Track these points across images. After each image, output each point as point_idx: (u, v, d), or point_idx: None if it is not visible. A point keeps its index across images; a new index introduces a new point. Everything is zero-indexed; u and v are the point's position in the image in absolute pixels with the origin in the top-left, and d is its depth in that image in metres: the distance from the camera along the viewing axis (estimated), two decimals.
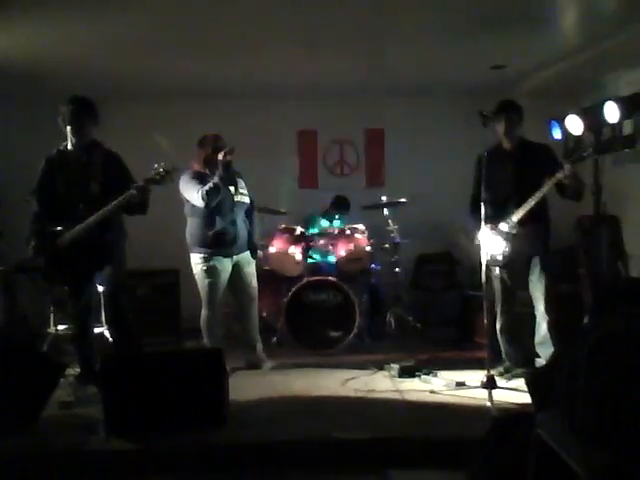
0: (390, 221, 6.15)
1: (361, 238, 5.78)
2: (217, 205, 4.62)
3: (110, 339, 4.82)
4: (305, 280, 5.55)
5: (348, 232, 5.78)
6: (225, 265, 4.74)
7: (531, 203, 4.23)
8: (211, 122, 6.86)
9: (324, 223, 6.40)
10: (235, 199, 4.78)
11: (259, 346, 5.04)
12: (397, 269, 6.28)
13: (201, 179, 4.62)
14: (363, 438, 3.41)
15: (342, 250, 5.73)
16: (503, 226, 4.32)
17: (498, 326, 4.52)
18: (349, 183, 7.15)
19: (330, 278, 5.61)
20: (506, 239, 4.31)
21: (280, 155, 7.11)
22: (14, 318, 5.82)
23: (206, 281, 4.71)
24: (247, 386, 4.42)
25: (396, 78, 6.43)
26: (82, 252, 4.06)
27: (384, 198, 6.18)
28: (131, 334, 4.28)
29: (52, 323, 5.45)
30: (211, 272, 4.69)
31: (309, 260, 5.93)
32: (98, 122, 4.17)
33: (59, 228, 4.06)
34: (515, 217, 4.30)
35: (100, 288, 4.43)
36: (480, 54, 5.63)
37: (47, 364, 3.82)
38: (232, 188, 4.76)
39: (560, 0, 4.65)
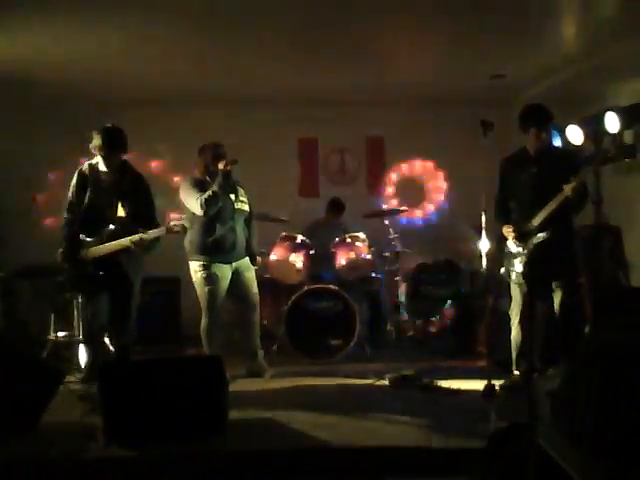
0: (391, 229, 6.15)
1: (361, 246, 5.78)
2: (217, 212, 4.64)
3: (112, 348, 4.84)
4: (306, 288, 5.55)
5: (349, 240, 5.78)
6: (224, 272, 4.74)
7: (548, 210, 4.17)
8: (212, 129, 6.91)
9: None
10: (235, 207, 4.79)
11: (260, 353, 5.03)
12: (397, 277, 6.28)
13: (201, 187, 4.64)
14: (362, 447, 3.40)
15: (342, 258, 5.73)
16: (521, 240, 4.30)
17: (513, 335, 4.48)
18: (350, 191, 7.16)
19: (331, 286, 5.60)
20: (528, 249, 4.28)
21: (281, 163, 7.13)
22: (14, 324, 5.83)
23: (206, 288, 4.71)
24: (247, 394, 4.41)
25: (397, 87, 6.46)
26: (104, 268, 4.27)
27: (385, 206, 6.19)
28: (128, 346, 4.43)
29: (52, 330, 5.44)
30: (211, 279, 4.70)
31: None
32: (127, 150, 4.37)
33: (88, 239, 4.29)
34: (536, 220, 4.24)
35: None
36: (480, 64, 5.66)
37: (46, 371, 3.81)
38: (232, 196, 4.78)
39: (560, 10, 4.68)
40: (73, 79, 5.90)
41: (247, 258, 4.91)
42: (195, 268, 4.75)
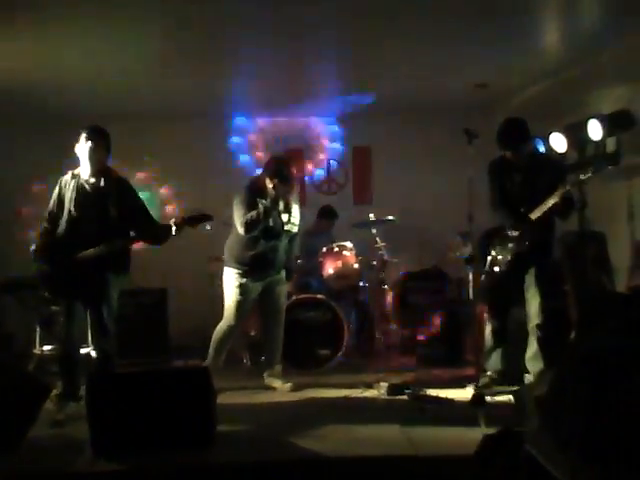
0: (378, 238, 6.16)
1: (349, 255, 5.78)
2: (264, 229, 4.63)
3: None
4: (293, 298, 5.54)
5: (336, 249, 5.78)
6: (256, 287, 4.79)
7: (538, 213, 4.24)
8: (200, 141, 6.95)
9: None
10: (285, 228, 4.79)
11: (278, 368, 4.99)
12: (385, 286, 6.28)
13: (251, 204, 4.59)
14: (352, 456, 3.39)
15: (330, 267, 5.73)
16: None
17: (487, 331, 4.56)
18: (337, 201, 7.17)
19: (318, 296, 5.60)
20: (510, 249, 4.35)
21: None
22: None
23: (236, 297, 4.74)
24: (235, 406, 4.39)
25: (383, 96, 6.49)
26: (88, 271, 4.08)
27: (372, 216, 6.20)
28: (112, 356, 4.25)
29: (38, 343, 5.40)
30: (243, 290, 4.74)
31: None
32: (110, 151, 4.27)
33: (71, 247, 4.10)
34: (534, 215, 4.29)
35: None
36: (465, 72, 5.71)
37: (32, 385, 3.78)
38: (285, 217, 4.76)
39: (543, 19, 4.73)
40: (55, 93, 5.88)
41: (283, 272, 4.93)
42: (230, 275, 4.78)
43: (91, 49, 4.92)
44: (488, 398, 4.19)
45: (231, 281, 4.77)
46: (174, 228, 4.09)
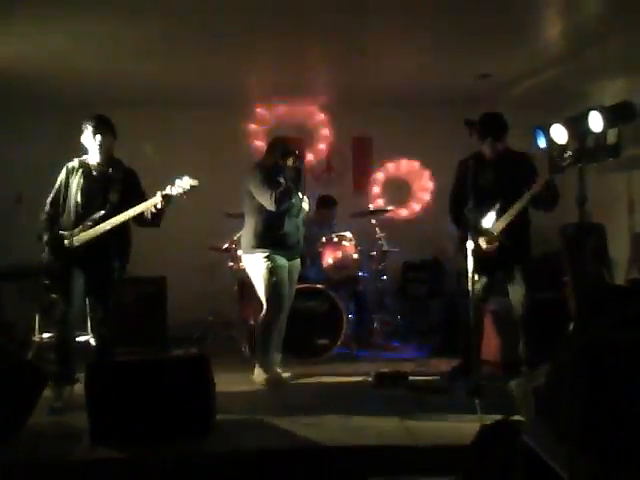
0: (377, 229, 6.16)
1: (348, 245, 5.78)
2: (287, 208, 4.62)
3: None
4: None
5: (335, 239, 5.79)
6: (286, 266, 4.71)
7: (512, 214, 4.30)
8: (197, 129, 6.92)
9: None
10: (303, 205, 4.81)
11: (278, 357, 4.93)
12: (384, 277, 6.29)
13: (274, 181, 4.58)
14: (349, 446, 3.40)
15: (329, 257, 5.73)
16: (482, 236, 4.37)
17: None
18: (336, 191, 7.15)
19: (317, 286, 5.61)
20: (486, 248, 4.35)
21: None
22: None
23: (273, 279, 4.60)
24: (233, 394, 4.40)
25: (383, 87, 6.47)
26: (90, 257, 4.09)
27: (371, 206, 6.20)
28: (112, 344, 4.28)
29: (37, 331, 5.40)
30: (277, 271, 4.61)
31: None
32: (116, 138, 4.27)
33: (70, 232, 4.11)
34: (496, 228, 4.35)
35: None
36: (466, 64, 5.68)
37: (32, 373, 3.78)
38: (300, 194, 4.77)
39: (545, 10, 4.71)
40: (54, 79, 5.86)
41: (299, 260, 4.91)
42: (258, 261, 4.63)
43: (88, 34, 4.88)
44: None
45: (263, 265, 4.62)
46: (158, 199, 4.06)
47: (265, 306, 4.67)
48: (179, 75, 5.96)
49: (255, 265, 4.67)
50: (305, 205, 4.91)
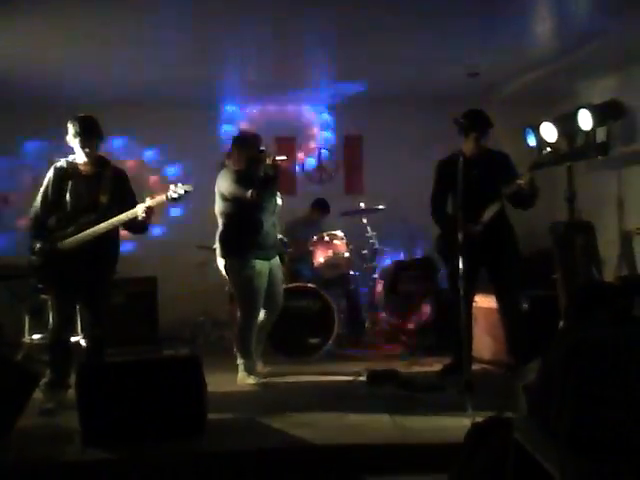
0: (369, 227, 6.17)
1: (340, 244, 5.79)
2: (262, 208, 4.53)
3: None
4: (284, 286, 5.53)
5: (327, 238, 5.79)
6: (265, 269, 4.62)
7: (490, 213, 4.35)
8: (188, 129, 6.89)
9: None
10: (277, 202, 4.74)
11: (260, 347, 4.94)
12: (375, 275, 6.30)
13: (248, 180, 4.48)
14: (342, 444, 3.41)
15: (321, 256, 5.73)
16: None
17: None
18: (328, 190, 7.15)
19: (309, 285, 5.61)
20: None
21: None
22: None
23: (252, 284, 4.53)
24: (226, 394, 4.39)
25: (374, 85, 6.47)
26: (80, 261, 4.05)
27: (362, 205, 6.20)
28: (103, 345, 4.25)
29: (27, 332, 5.37)
30: (255, 276, 4.53)
31: None
32: (103, 137, 4.22)
33: (61, 234, 4.06)
34: (478, 226, 4.38)
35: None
36: (456, 62, 5.69)
37: (21, 374, 3.76)
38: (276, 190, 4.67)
39: (535, 8, 4.73)
40: (43, 79, 5.82)
41: (278, 257, 4.84)
42: (236, 265, 4.55)
43: (76, 36, 4.86)
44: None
45: (241, 271, 4.54)
46: (142, 208, 4.02)
47: (239, 311, 4.67)
48: (162, 75, 5.94)
49: (231, 271, 4.61)
50: (279, 200, 4.83)
